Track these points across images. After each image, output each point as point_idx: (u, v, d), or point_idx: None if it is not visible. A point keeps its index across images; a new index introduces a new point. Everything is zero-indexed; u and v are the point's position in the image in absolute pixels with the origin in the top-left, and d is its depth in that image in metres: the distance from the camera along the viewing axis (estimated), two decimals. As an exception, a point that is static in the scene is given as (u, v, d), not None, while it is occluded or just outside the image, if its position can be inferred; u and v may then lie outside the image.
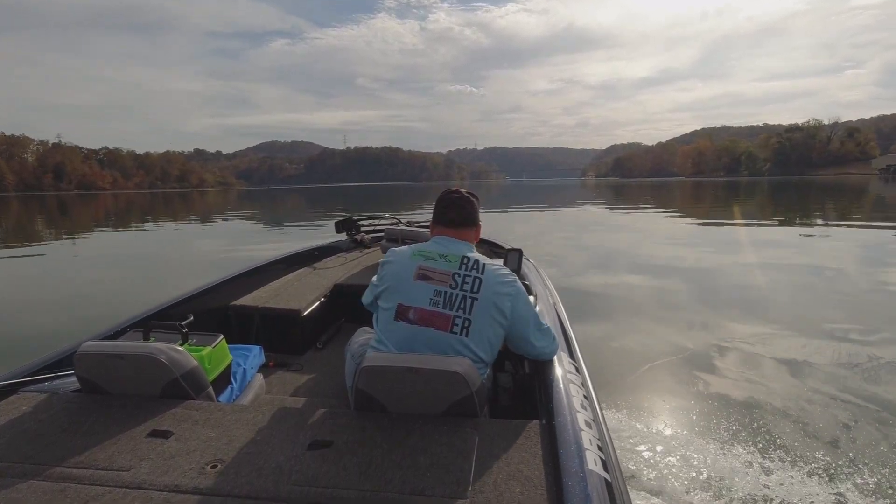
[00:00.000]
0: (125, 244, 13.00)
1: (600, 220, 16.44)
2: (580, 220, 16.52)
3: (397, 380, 1.24)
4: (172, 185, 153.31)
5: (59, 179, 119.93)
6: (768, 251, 8.81)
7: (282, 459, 1.09)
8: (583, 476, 0.98)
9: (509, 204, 27.11)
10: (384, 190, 77.98)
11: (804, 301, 5.36)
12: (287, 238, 12.78)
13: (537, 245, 9.84)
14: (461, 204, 1.58)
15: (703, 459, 2.31)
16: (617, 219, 17.03)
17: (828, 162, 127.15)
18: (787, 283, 6.27)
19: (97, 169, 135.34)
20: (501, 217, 17.35)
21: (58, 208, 35.30)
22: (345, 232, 3.99)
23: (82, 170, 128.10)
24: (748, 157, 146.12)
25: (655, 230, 13.28)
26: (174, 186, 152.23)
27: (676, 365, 3.51)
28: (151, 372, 1.35)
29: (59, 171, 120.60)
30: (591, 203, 27.17)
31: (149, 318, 1.95)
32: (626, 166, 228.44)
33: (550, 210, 21.44)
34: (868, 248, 9.07)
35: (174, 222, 19.69)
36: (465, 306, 1.39)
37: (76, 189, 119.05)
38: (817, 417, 2.74)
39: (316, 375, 2.29)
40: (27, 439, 1.18)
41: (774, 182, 65.56)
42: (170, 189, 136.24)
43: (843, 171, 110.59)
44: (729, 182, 75.85)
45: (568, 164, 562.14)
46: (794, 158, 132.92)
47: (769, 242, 10.09)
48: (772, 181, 72.85)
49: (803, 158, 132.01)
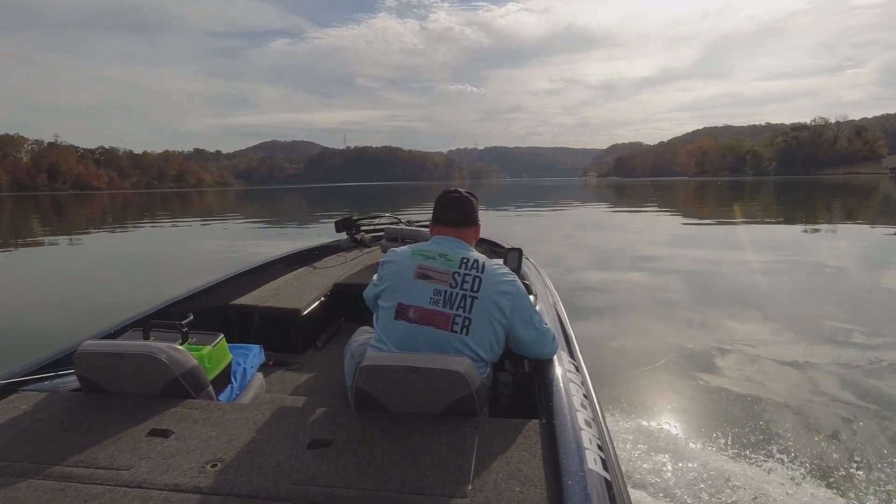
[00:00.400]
0: (118, 245, 12.92)
1: (602, 220, 16.40)
2: (582, 220, 16.53)
3: (397, 379, 1.24)
4: (170, 185, 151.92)
5: (53, 179, 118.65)
6: (776, 252, 8.73)
7: (282, 458, 1.09)
8: (582, 475, 0.98)
9: (509, 203, 27.06)
10: (383, 189, 77.49)
11: (818, 302, 5.30)
12: (285, 238, 12.76)
13: (538, 244, 9.84)
14: (461, 204, 1.58)
15: (704, 459, 2.31)
16: (618, 219, 16.94)
17: (835, 161, 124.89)
18: (800, 284, 6.21)
19: (93, 169, 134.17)
20: (501, 218, 17.38)
21: (52, 208, 35.15)
22: (345, 231, 4.00)
23: (77, 169, 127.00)
24: (753, 156, 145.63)
25: (659, 230, 13.24)
26: (171, 186, 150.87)
27: (677, 364, 3.51)
28: (151, 371, 1.35)
29: (53, 171, 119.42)
30: (593, 203, 27.05)
31: (149, 317, 1.95)
32: (628, 166, 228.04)
33: (553, 210, 21.23)
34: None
35: (169, 223, 19.41)
36: (466, 305, 1.39)
37: (71, 189, 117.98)
38: (819, 418, 2.74)
39: (316, 375, 2.29)
40: (27, 438, 1.18)
41: (781, 181, 64.73)
42: (167, 189, 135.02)
43: (852, 170, 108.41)
44: (734, 182, 74.96)
45: (568, 163, 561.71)
46: (800, 158, 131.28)
47: (777, 243, 10.02)
48: (778, 181, 72.14)
49: (810, 158, 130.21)
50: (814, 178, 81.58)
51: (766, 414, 2.77)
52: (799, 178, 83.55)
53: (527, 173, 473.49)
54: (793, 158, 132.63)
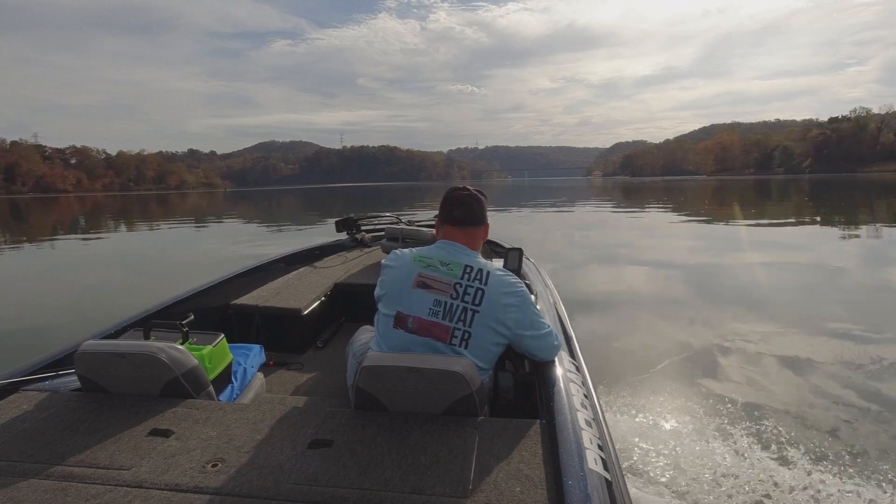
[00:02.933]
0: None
1: (616, 224, 15.61)
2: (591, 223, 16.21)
3: (398, 379, 1.24)
4: (148, 187, 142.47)
5: (11, 181, 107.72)
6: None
7: (282, 458, 1.09)
8: (583, 475, 0.98)
9: (510, 205, 26.90)
10: (375, 191, 73.27)
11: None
12: (254, 247, 10.66)
13: (538, 245, 9.81)
14: (468, 202, 1.53)
15: (705, 459, 2.30)
16: (638, 223, 15.52)
17: (881, 157, 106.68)
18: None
19: (59, 169, 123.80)
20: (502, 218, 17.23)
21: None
22: (345, 231, 4.00)
23: (40, 170, 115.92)
24: (783, 151, 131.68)
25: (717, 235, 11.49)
26: (150, 188, 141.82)
27: (678, 365, 3.51)
28: (152, 371, 1.35)
29: (10, 173, 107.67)
30: (600, 203, 26.38)
31: (149, 316, 1.96)
32: (637, 164, 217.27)
33: (559, 211, 20.73)
34: None
35: (125, 230, 17.45)
36: (466, 318, 1.37)
37: (32, 192, 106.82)
38: (821, 418, 2.74)
39: (316, 374, 2.29)
40: (27, 438, 1.18)
41: (820, 180, 56.48)
42: (144, 191, 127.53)
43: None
44: (761, 181, 67.02)
45: (570, 162, 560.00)
46: (840, 153, 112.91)
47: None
48: (817, 179, 62.47)
49: (851, 153, 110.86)
50: (860, 176, 70.21)
51: (767, 413, 2.76)
52: (839, 176, 71.65)
53: (528, 173, 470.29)
54: (831, 154, 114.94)
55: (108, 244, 13.49)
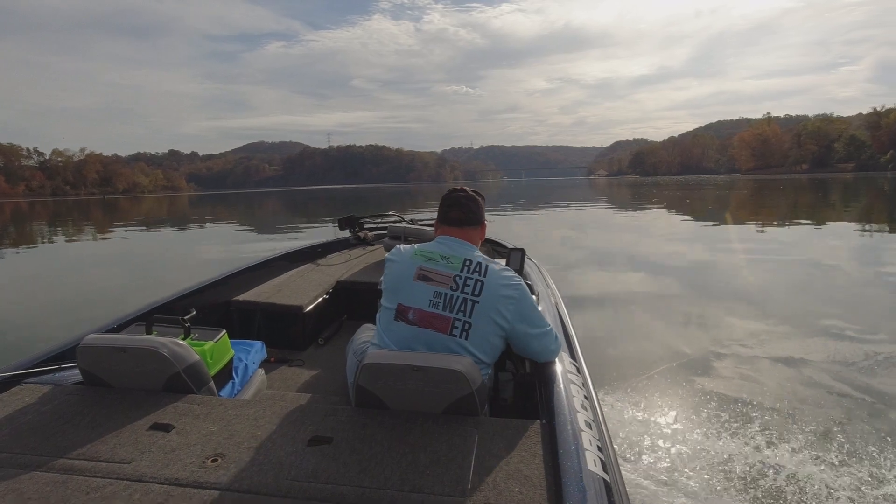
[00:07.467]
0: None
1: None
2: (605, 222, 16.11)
3: (398, 377, 1.24)
4: (90, 192, 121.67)
5: None
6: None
7: (282, 455, 1.09)
8: (582, 476, 0.98)
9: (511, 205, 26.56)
10: (353, 193, 64.49)
11: None
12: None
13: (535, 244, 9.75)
14: (465, 203, 1.56)
15: (704, 459, 2.31)
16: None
17: None
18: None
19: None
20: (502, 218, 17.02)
21: None
22: (348, 229, 4.01)
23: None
24: (851, 142, 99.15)
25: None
26: (92, 192, 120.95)
27: (678, 367, 3.50)
28: (153, 365, 1.35)
29: None
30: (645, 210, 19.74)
31: (151, 311, 1.96)
32: (649, 162, 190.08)
33: (564, 210, 19.70)
34: None
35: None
36: (466, 309, 1.38)
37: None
38: (822, 418, 2.73)
39: (317, 372, 2.30)
40: (29, 430, 1.19)
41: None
42: (84, 196, 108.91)
43: None
44: (827, 179, 51.30)
45: (569, 162, 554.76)
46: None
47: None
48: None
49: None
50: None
51: (768, 413, 2.76)
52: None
53: (525, 172, 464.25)
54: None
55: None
